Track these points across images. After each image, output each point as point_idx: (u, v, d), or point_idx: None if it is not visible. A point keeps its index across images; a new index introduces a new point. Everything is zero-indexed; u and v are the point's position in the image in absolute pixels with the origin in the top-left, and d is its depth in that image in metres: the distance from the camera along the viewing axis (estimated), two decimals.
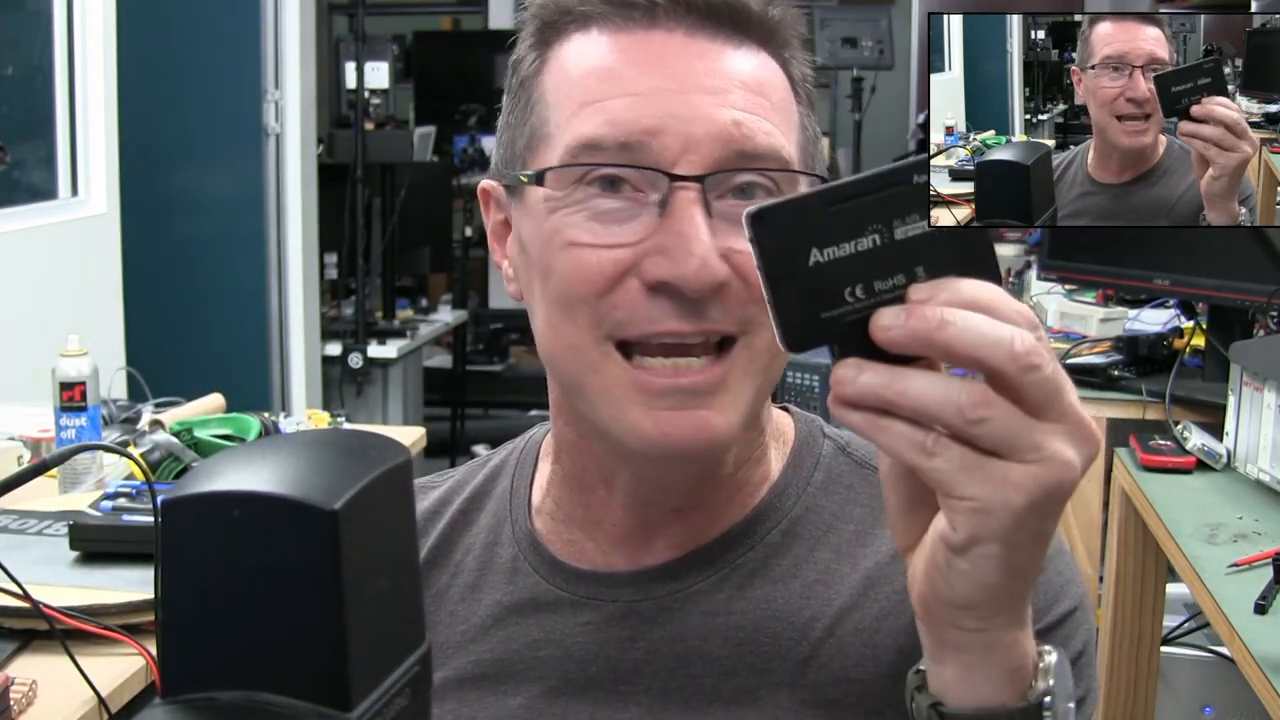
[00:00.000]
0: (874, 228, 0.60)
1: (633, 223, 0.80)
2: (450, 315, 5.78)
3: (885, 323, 0.59)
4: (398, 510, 0.60)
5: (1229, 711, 2.36)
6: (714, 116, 0.80)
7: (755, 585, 0.88)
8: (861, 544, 0.89)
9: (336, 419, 2.60)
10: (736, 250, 0.79)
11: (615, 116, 0.80)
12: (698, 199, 0.78)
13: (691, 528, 0.89)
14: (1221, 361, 2.35)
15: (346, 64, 5.07)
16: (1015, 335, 0.58)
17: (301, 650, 0.55)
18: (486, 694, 0.90)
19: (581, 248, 0.80)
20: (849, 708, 0.85)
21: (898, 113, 6.83)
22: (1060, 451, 0.59)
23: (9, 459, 2.17)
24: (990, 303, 0.59)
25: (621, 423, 0.81)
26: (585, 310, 0.80)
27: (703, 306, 0.79)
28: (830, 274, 0.60)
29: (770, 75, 0.84)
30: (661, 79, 0.80)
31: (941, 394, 0.59)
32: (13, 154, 2.81)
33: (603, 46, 0.82)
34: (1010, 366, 0.58)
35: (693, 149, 0.79)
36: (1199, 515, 1.98)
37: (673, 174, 0.79)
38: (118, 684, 1.43)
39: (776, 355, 0.82)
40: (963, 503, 0.60)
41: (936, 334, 0.58)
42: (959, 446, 0.59)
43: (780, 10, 0.86)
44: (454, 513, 0.97)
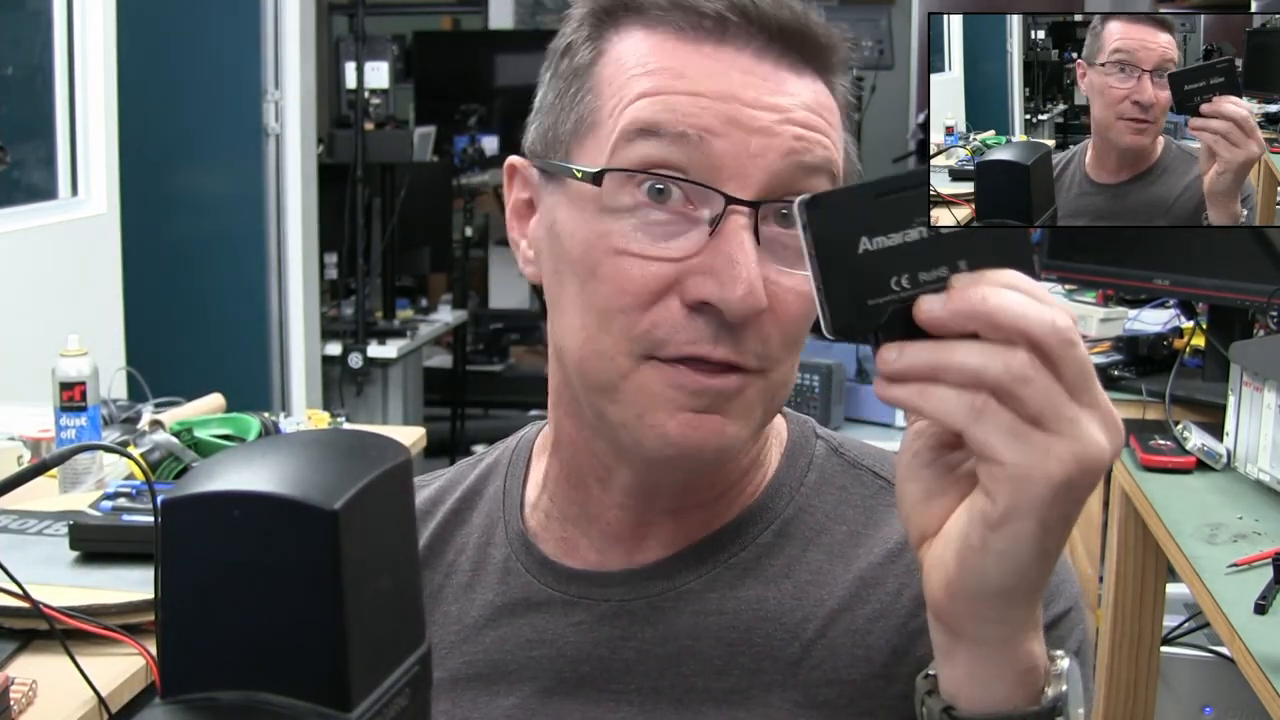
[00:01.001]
0: (920, 220, 0.62)
1: (681, 239, 0.79)
2: (450, 315, 5.78)
3: (928, 305, 0.61)
4: (398, 510, 0.60)
5: (1229, 711, 2.36)
6: (776, 130, 0.79)
7: (747, 585, 0.88)
8: (854, 545, 0.89)
9: (336, 419, 2.60)
10: (776, 283, 0.79)
11: (676, 107, 0.79)
12: (748, 224, 0.78)
13: (685, 527, 0.89)
14: (1221, 361, 2.35)
15: (346, 64, 5.07)
16: (1057, 313, 0.61)
17: (301, 650, 0.55)
18: (480, 694, 0.90)
19: (629, 257, 0.79)
20: (841, 709, 0.85)
21: (898, 113, 6.83)
22: (1094, 433, 0.61)
23: (9, 459, 2.17)
24: (1030, 289, 0.61)
25: (646, 421, 0.80)
26: (623, 321, 0.80)
27: (739, 333, 0.79)
28: (878, 263, 0.62)
29: (827, 101, 0.84)
30: (728, 86, 0.79)
31: (988, 353, 0.60)
32: (13, 154, 2.81)
33: (668, 47, 0.81)
34: (1053, 339, 0.60)
35: (749, 162, 0.78)
36: (1199, 515, 1.98)
37: (729, 195, 0.78)
38: (118, 684, 1.43)
39: (784, 389, 0.84)
40: (1005, 469, 0.61)
41: (979, 306, 0.60)
42: (1006, 410, 0.60)
43: (838, 34, 0.85)
44: (446, 512, 0.98)
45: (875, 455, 0.95)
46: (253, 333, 4.59)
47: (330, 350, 5.00)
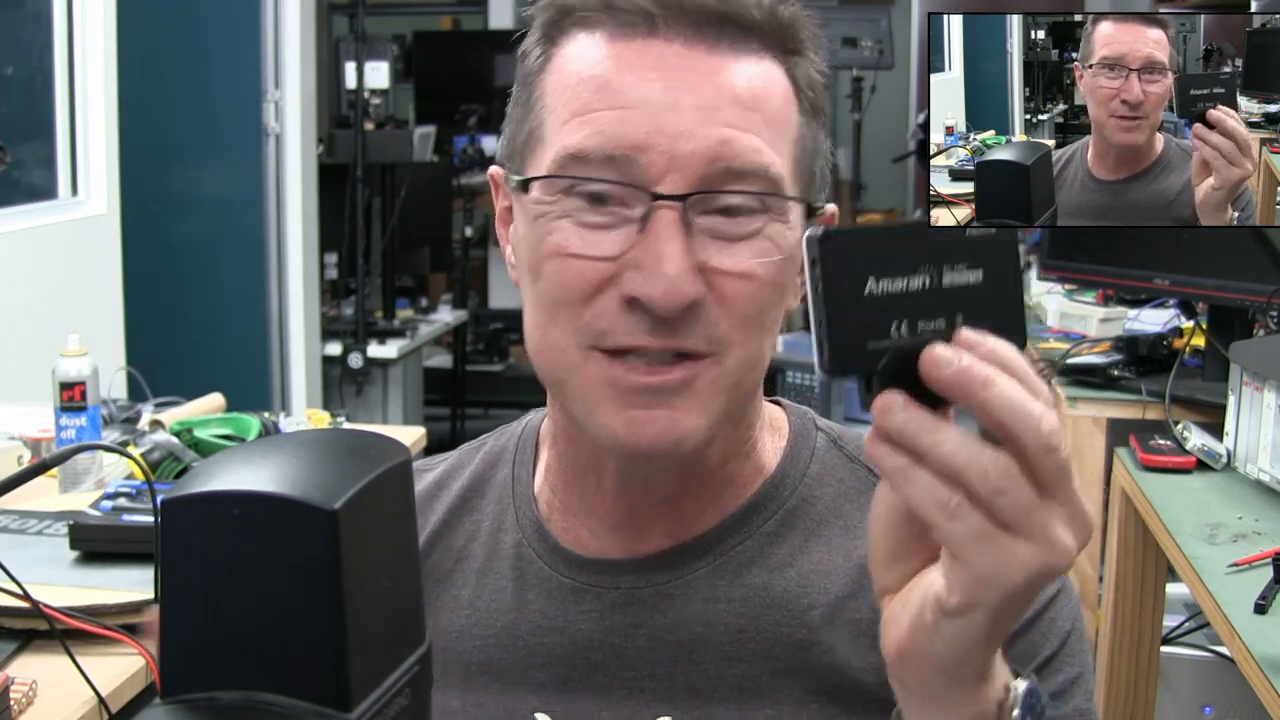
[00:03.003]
0: (926, 269, 0.63)
1: (615, 235, 0.80)
2: (450, 315, 5.77)
3: (941, 359, 0.61)
4: (398, 510, 0.60)
5: (1229, 711, 2.36)
6: (701, 133, 0.79)
7: (753, 573, 0.89)
8: (853, 537, 0.91)
9: (336, 419, 2.60)
10: (715, 269, 0.80)
11: (603, 129, 0.80)
12: (677, 218, 0.79)
13: (683, 518, 0.90)
14: (1221, 361, 2.35)
15: (346, 64, 5.07)
16: (1045, 415, 0.60)
17: (301, 650, 0.55)
18: (493, 680, 0.91)
19: (567, 256, 0.81)
20: (852, 697, 0.87)
21: (898, 113, 6.83)
22: (1061, 536, 0.62)
23: (9, 459, 2.17)
24: (1025, 374, 0.62)
25: (595, 418, 0.83)
26: (568, 315, 0.82)
27: (674, 324, 0.80)
28: (881, 306, 0.62)
29: (769, 86, 0.83)
30: (653, 91, 0.80)
31: (972, 456, 0.60)
32: (13, 154, 2.80)
33: (601, 53, 0.82)
34: (1034, 443, 0.60)
35: (677, 166, 0.79)
36: (1199, 515, 1.98)
37: (654, 192, 0.79)
38: (118, 684, 1.43)
39: (749, 372, 0.84)
40: (966, 569, 0.61)
41: (979, 390, 0.60)
42: (978, 514, 0.61)
43: (791, 12, 0.85)
44: (453, 497, 0.98)
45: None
46: (253, 333, 4.59)
47: (330, 350, 5.00)
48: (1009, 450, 0.60)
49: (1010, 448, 0.60)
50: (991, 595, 0.62)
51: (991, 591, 0.61)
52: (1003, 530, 0.61)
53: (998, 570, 0.61)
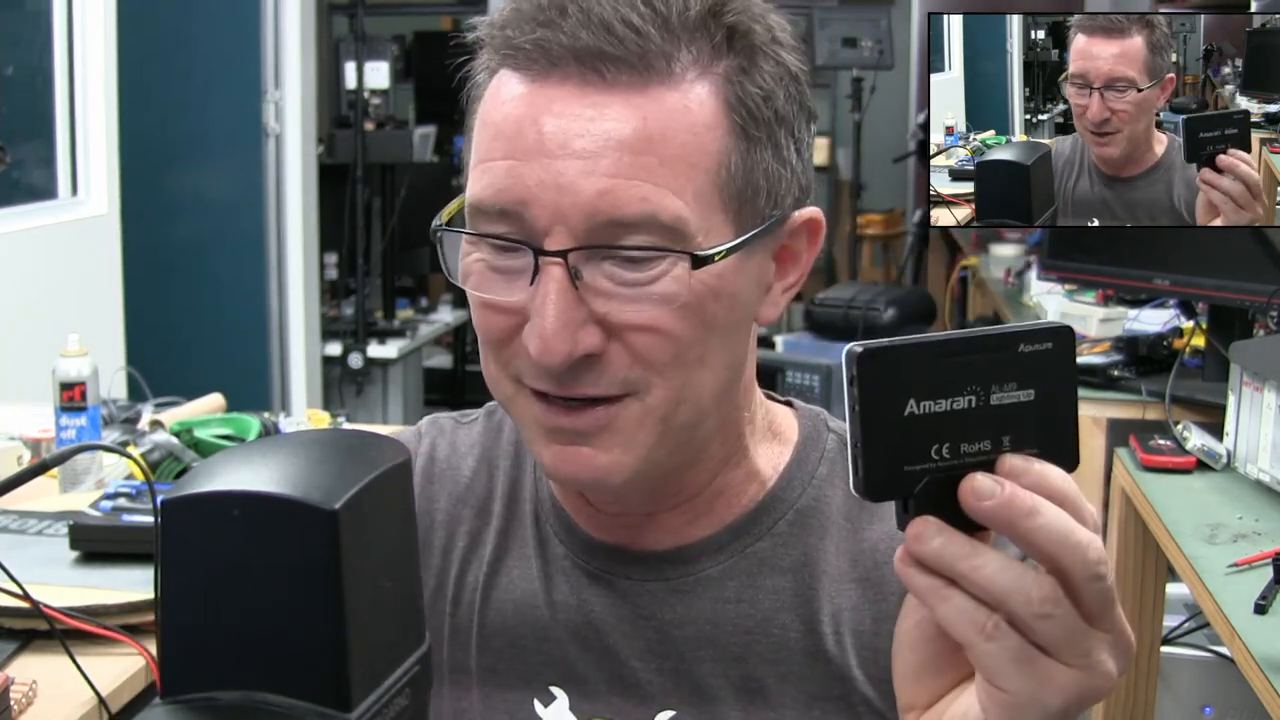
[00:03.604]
0: (972, 388, 0.60)
1: (517, 285, 0.80)
2: (450, 315, 5.78)
3: (982, 491, 0.59)
4: (398, 510, 0.60)
5: (1229, 711, 2.36)
6: (582, 185, 0.76)
7: (765, 575, 0.89)
8: (858, 542, 0.90)
9: (336, 419, 2.60)
10: (615, 322, 0.78)
11: (496, 181, 0.79)
12: (561, 274, 0.77)
13: (672, 529, 0.90)
14: (1221, 361, 2.35)
15: (346, 64, 5.07)
16: (1091, 543, 0.59)
17: (301, 650, 0.55)
18: (506, 647, 0.91)
19: (481, 303, 0.82)
20: (854, 706, 0.87)
21: (898, 113, 6.83)
22: (1103, 661, 0.61)
23: (9, 459, 2.17)
24: (1073, 500, 0.60)
25: (531, 449, 0.85)
26: (493, 353, 0.83)
27: (574, 375, 0.79)
28: (922, 428, 0.59)
29: (670, 120, 0.77)
30: (542, 140, 0.77)
31: (1014, 581, 0.59)
32: (13, 154, 2.81)
33: (510, 93, 0.80)
34: (1080, 573, 0.59)
35: (561, 220, 0.77)
36: (1199, 515, 1.98)
37: (539, 247, 0.77)
38: (118, 684, 1.43)
39: (680, 405, 0.81)
40: (1004, 695, 0.60)
41: (1024, 521, 0.59)
42: (1016, 636, 0.59)
43: (732, 21, 0.80)
44: (498, 456, 0.98)
45: None
46: (253, 333, 4.59)
47: (330, 350, 5.00)
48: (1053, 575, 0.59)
49: (1055, 574, 0.59)
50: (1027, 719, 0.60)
51: (1028, 716, 0.60)
52: (1042, 653, 0.60)
53: (1035, 693, 0.60)
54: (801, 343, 4.68)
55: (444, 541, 0.96)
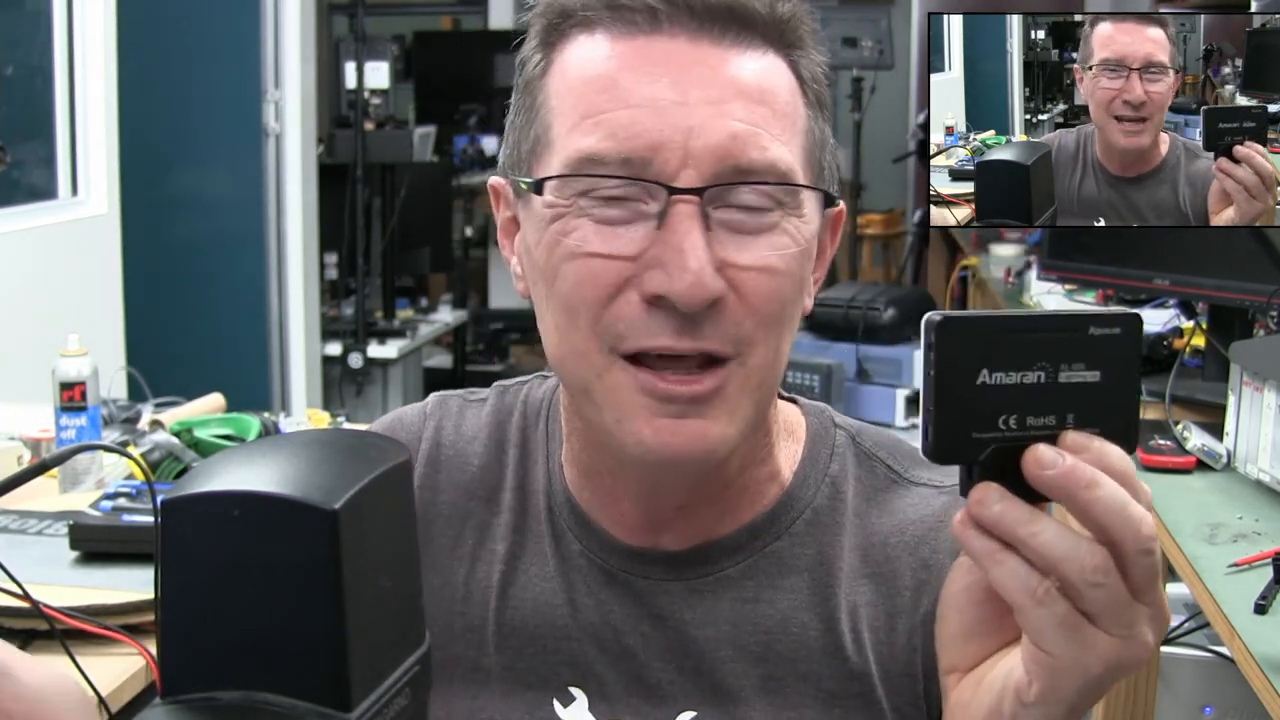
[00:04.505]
0: (1041, 364, 0.63)
1: (634, 234, 0.79)
2: (450, 315, 5.78)
3: (1045, 460, 0.61)
4: (398, 510, 0.60)
5: (1229, 711, 2.36)
6: (711, 128, 0.79)
7: (784, 574, 0.90)
8: (868, 537, 0.91)
9: (336, 419, 2.60)
10: (734, 264, 0.79)
11: (615, 131, 0.79)
12: (695, 212, 0.78)
13: (699, 525, 0.90)
14: (1221, 361, 2.35)
15: (346, 64, 5.07)
16: (1144, 519, 0.62)
17: (301, 650, 0.55)
18: (525, 646, 0.91)
19: (585, 257, 0.80)
20: (871, 704, 0.87)
21: (898, 113, 6.83)
22: (1144, 633, 0.63)
23: (9, 459, 2.17)
24: (1130, 478, 0.62)
25: (624, 427, 0.82)
26: (588, 317, 0.81)
27: (698, 322, 0.79)
28: (992, 398, 0.62)
29: (775, 79, 0.82)
30: (661, 89, 0.79)
31: (1070, 548, 0.61)
32: (13, 154, 2.81)
33: (605, 52, 0.82)
34: (1131, 546, 0.62)
35: (691, 163, 0.79)
36: (1199, 515, 1.97)
37: (671, 186, 0.78)
38: (118, 684, 1.43)
39: (770, 372, 0.83)
40: (1049, 658, 0.62)
41: (1083, 492, 0.61)
42: (1065, 603, 0.62)
43: (790, 7, 0.84)
44: (507, 442, 0.97)
45: (889, 444, 0.95)
46: (253, 333, 4.60)
47: (330, 350, 5.00)
48: (1105, 547, 0.61)
49: (1107, 546, 0.61)
50: (1071, 686, 0.62)
51: (1070, 681, 0.62)
52: (1087, 620, 0.62)
53: (1078, 659, 0.62)
54: (801, 343, 4.68)
55: (450, 537, 0.95)
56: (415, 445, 0.97)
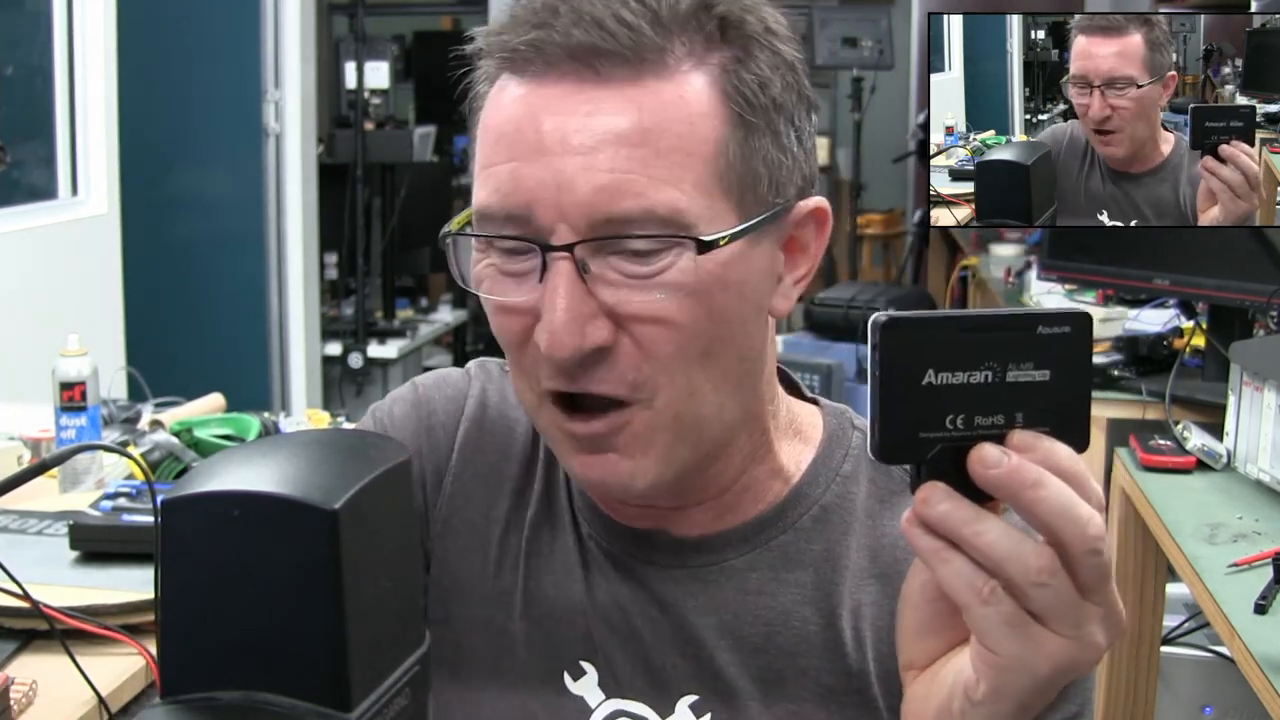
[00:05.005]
0: (989, 364, 0.63)
1: (528, 284, 0.80)
2: (450, 315, 5.78)
3: (989, 460, 0.62)
4: (398, 510, 0.60)
5: (1229, 711, 2.36)
6: (578, 182, 0.77)
7: (788, 568, 0.90)
8: (879, 538, 0.91)
9: (336, 419, 2.59)
10: (621, 314, 0.79)
11: (500, 185, 0.79)
12: (567, 268, 0.78)
13: (701, 519, 0.91)
14: (1221, 361, 2.35)
15: (346, 64, 5.08)
16: (1091, 519, 0.62)
17: (301, 650, 0.55)
18: (544, 617, 0.92)
19: (495, 307, 0.82)
20: (867, 702, 0.87)
21: (898, 113, 6.83)
22: (1094, 633, 0.63)
23: (9, 459, 2.16)
24: (1078, 477, 0.62)
25: (561, 459, 0.86)
26: (515, 360, 0.84)
27: (586, 366, 0.79)
28: (938, 398, 0.62)
29: (666, 112, 0.78)
30: (544, 137, 0.78)
31: (1014, 548, 0.61)
32: (13, 154, 2.81)
33: (511, 96, 0.81)
34: (1078, 546, 0.62)
35: (563, 218, 0.78)
36: (1199, 515, 1.98)
37: (546, 244, 0.78)
38: (118, 684, 1.43)
39: (689, 405, 0.82)
40: (995, 657, 0.63)
41: (1027, 491, 0.61)
42: (1011, 602, 0.62)
43: (723, 10, 0.80)
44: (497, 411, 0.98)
45: None
46: (253, 333, 4.60)
47: (330, 350, 5.00)
48: (1053, 547, 0.61)
49: (1054, 546, 0.61)
50: (1018, 685, 0.63)
51: (1018, 680, 0.62)
52: (1034, 620, 0.62)
53: (1025, 658, 0.62)
54: (802, 342, 4.68)
55: (486, 498, 0.95)
56: (461, 402, 0.98)
